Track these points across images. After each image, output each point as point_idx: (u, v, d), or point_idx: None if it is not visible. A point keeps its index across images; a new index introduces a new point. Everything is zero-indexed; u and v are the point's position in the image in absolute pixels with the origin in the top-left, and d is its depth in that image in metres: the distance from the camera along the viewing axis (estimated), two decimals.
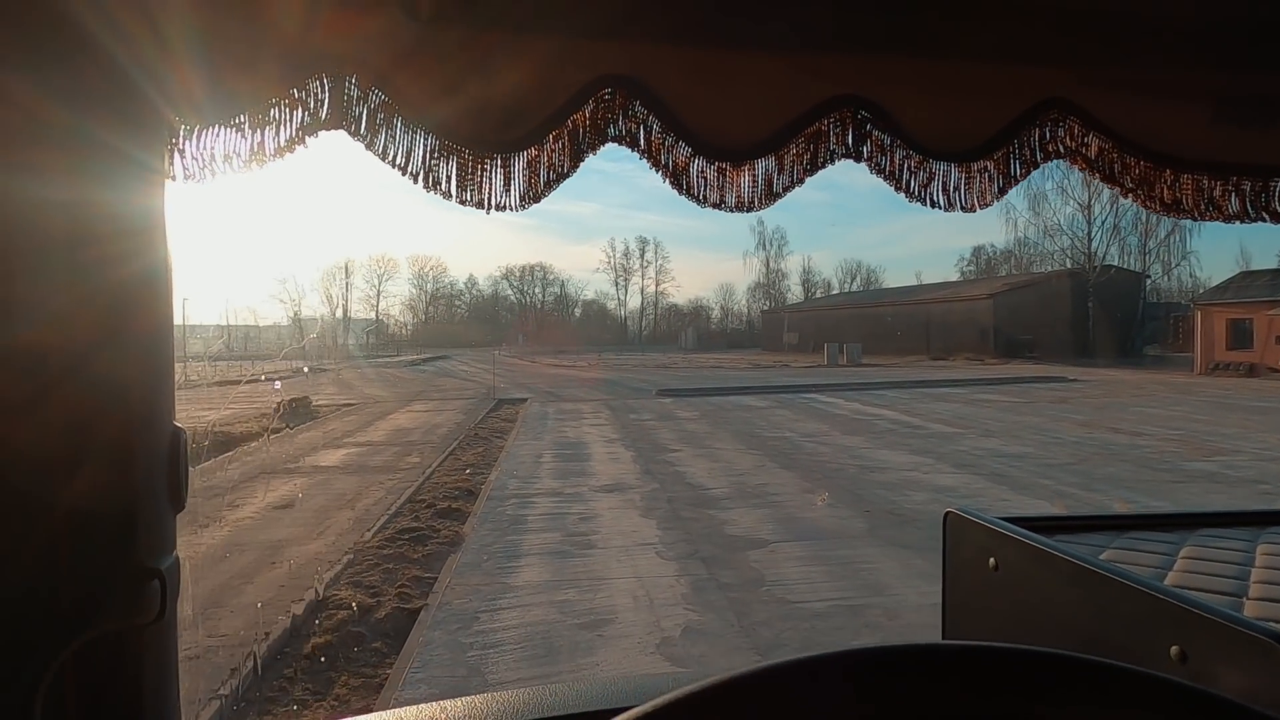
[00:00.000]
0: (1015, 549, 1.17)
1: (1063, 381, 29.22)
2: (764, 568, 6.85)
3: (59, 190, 0.72)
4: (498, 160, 0.88)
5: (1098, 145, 1.03)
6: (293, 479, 11.35)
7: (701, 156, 0.93)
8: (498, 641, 5.31)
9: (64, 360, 0.71)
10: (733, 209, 0.94)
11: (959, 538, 1.36)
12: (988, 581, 1.23)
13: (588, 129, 0.91)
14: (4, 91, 0.68)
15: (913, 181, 0.99)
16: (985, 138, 0.99)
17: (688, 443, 14.43)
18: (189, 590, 6.33)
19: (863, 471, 11.33)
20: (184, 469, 0.83)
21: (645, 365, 45.40)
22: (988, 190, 1.02)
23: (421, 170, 0.87)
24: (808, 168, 0.96)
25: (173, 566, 0.80)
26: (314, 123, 0.83)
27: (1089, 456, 12.48)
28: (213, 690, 4.47)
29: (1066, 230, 52.44)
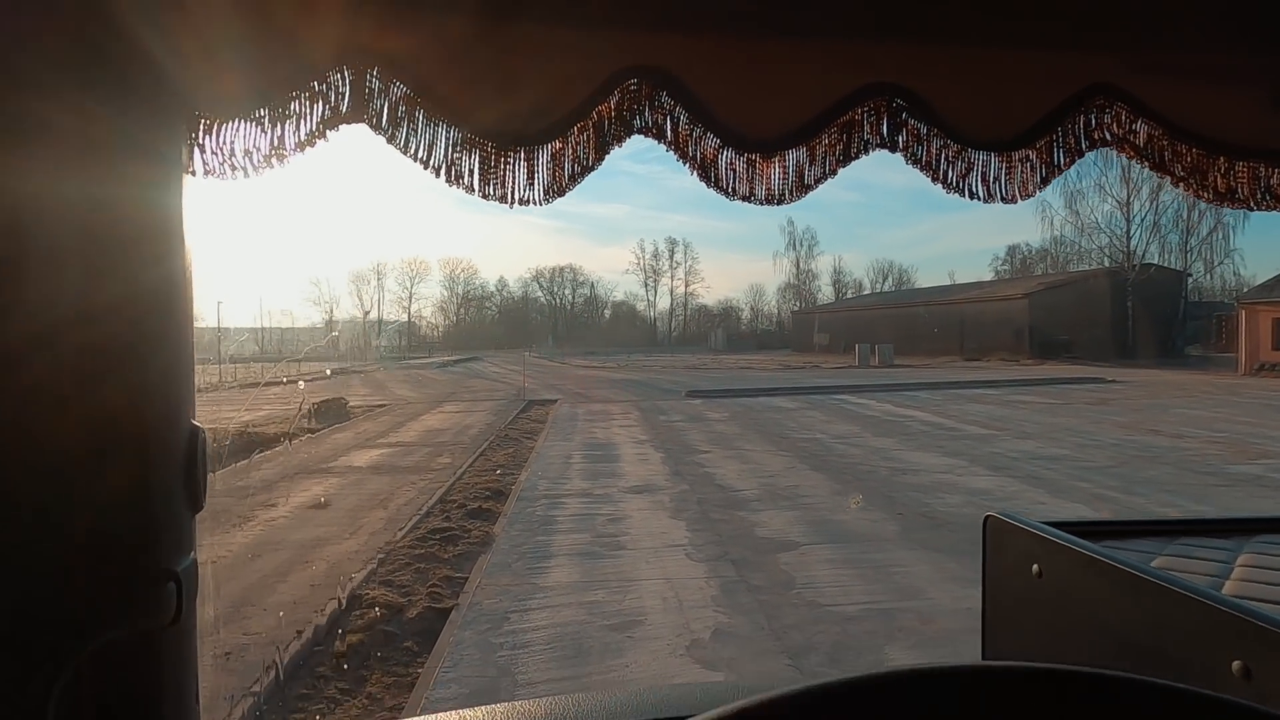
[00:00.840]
0: (1061, 555, 1.11)
1: (1101, 382, 28.64)
2: (794, 570, 6.78)
3: (78, 184, 0.71)
4: (521, 153, 0.86)
5: (1146, 132, 0.99)
6: (326, 479, 11.49)
7: (731, 148, 0.90)
8: (527, 642, 5.31)
9: (82, 358, 0.71)
10: (763, 201, 0.91)
11: (1000, 543, 1.30)
12: (1031, 589, 1.18)
13: (613, 120, 0.88)
14: (26, 84, 0.68)
15: (950, 172, 0.96)
16: (1027, 126, 0.95)
17: (717, 444, 14.36)
18: (224, 587, 6.43)
19: (895, 474, 11.19)
20: (203, 470, 0.82)
21: (674, 366, 45.33)
22: (1029, 180, 0.98)
23: (444, 164, 0.85)
24: (840, 158, 0.93)
25: (190, 568, 0.79)
26: (334, 116, 0.82)
27: (1129, 459, 12.21)
28: (245, 687, 4.53)
29: (1104, 228, 51.40)
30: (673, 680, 4.69)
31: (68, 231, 0.70)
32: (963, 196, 0.95)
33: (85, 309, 0.71)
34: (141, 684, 0.75)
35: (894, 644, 5.16)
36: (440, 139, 0.85)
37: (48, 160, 0.69)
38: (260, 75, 0.79)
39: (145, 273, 0.76)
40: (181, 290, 0.80)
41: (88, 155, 0.72)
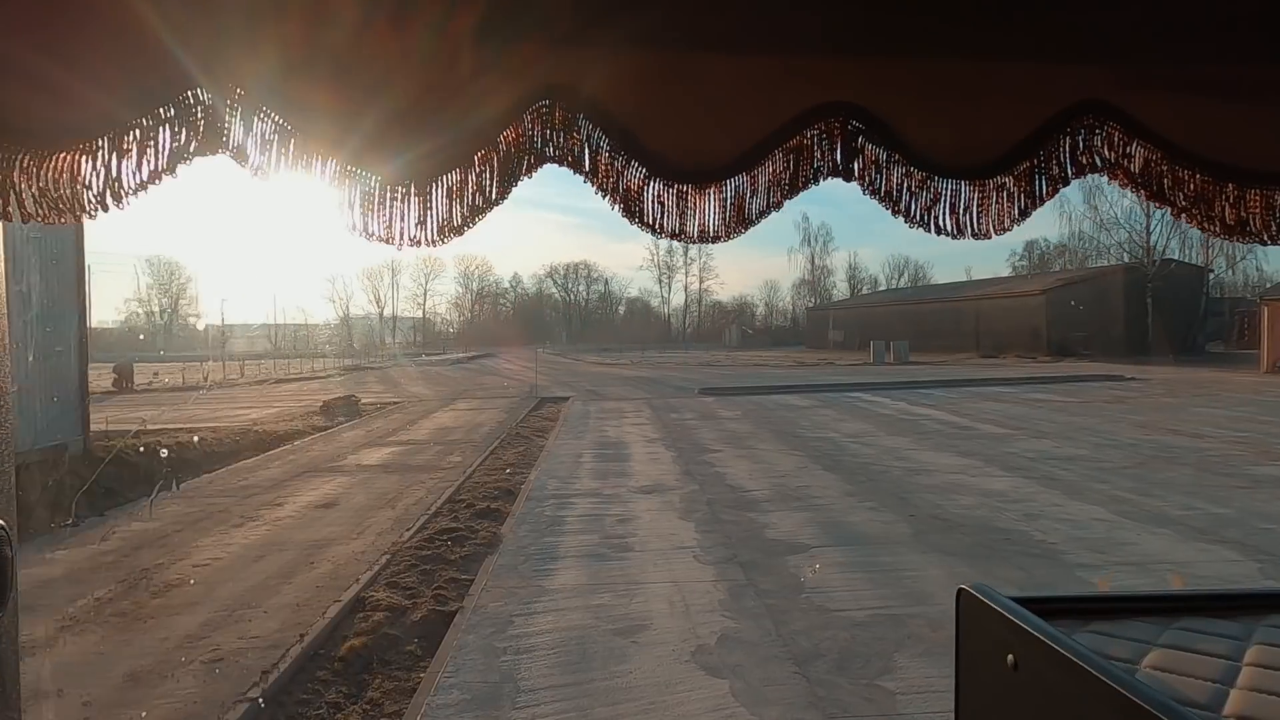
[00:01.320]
0: (1037, 649, 0.94)
1: (1119, 380, 28.26)
2: (804, 574, 6.69)
3: None
4: (411, 187, 0.76)
5: (1143, 156, 0.87)
6: (335, 477, 11.49)
7: (658, 179, 0.80)
8: (531, 647, 5.25)
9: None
10: (695, 240, 0.81)
11: (974, 624, 1.12)
12: (1007, 684, 1.01)
13: (520, 148, 0.78)
14: None
15: (913, 204, 0.84)
16: (1004, 150, 0.84)
17: (729, 443, 14.26)
18: (224, 589, 6.41)
19: (908, 474, 11.06)
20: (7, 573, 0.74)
21: (688, 363, 45.19)
22: (1005, 213, 0.86)
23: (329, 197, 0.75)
24: (787, 189, 0.82)
25: None
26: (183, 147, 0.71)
27: (1147, 460, 12.01)
28: (240, 693, 4.50)
29: (1124, 223, 50.70)
30: (675, 690, 4.62)
31: None
32: (927, 231, 0.84)
33: None
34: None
35: (903, 651, 5.06)
36: (316, 170, 0.74)
37: None
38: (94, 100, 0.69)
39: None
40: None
41: None
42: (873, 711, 4.29)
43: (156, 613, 6.00)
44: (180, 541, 8.06)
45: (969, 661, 1.11)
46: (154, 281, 77.74)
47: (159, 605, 6.18)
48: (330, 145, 0.73)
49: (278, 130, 0.73)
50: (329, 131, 0.73)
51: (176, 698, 4.58)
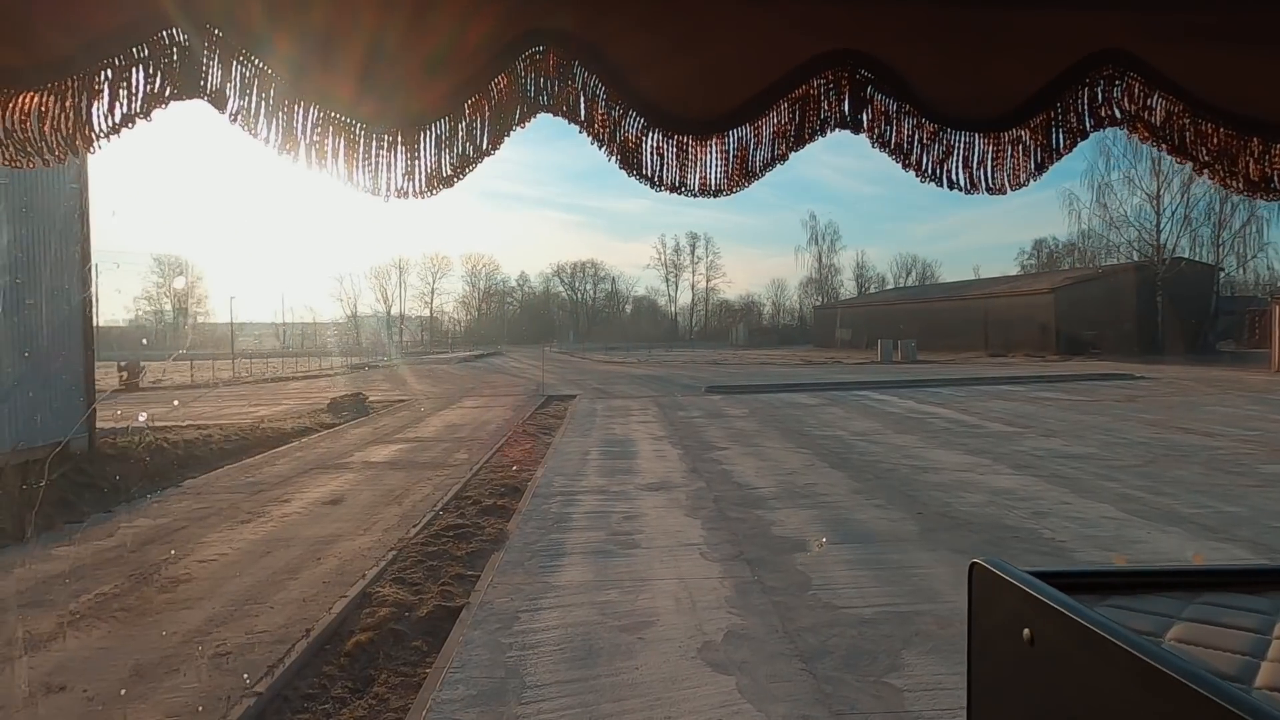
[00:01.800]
0: (1055, 622, 0.91)
1: (1129, 379, 28.10)
2: (811, 571, 6.65)
3: None
4: (399, 136, 0.73)
5: (1164, 108, 0.83)
6: (343, 474, 11.50)
7: (657, 129, 0.76)
8: (537, 643, 5.24)
9: None
10: (695, 193, 0.77)
11: (988, 598, 1.08)
12: (1022, 659, 0.97)
13: (510, 95, 0.74)
14: None
15: (925, 157, 0.80)
16: (1019, 101, 0.80)
17: (736, 441, 14.22)
18: (232, 584, 6.41)
19: (916, 472, 11.01)
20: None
21: (695, 362, 45.14)
22: (1020, 167, 0.82)
23: (302, 144, 0.71)
24: (793, 140, 0.78)
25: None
26: (159, 91, 0.68)
27: (1157, 458, 11.92)
28: (247, 687, 4.49)
29: (1134, 222, 50.38)
30: (681, 686, 4.59)
31: None
32: (939, 185, 0.80)
33: None
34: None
35: (910, 648, 5.03)
36: (298, 119, 0.71)
37: None
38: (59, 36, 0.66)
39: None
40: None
41: None
42: (880, 709, 4.26)
43: (163, 608, 6.01)
44: (188, 537, 8.07)
45: (982, 637, 1.06)
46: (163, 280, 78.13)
47: (165, 600, 6.18)
48: (313, 91, 0.70)
49: (257, 74, 0.69)
50: (312, 78, 0.70)
51: (182, 692, 4.57)
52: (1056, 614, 0.90)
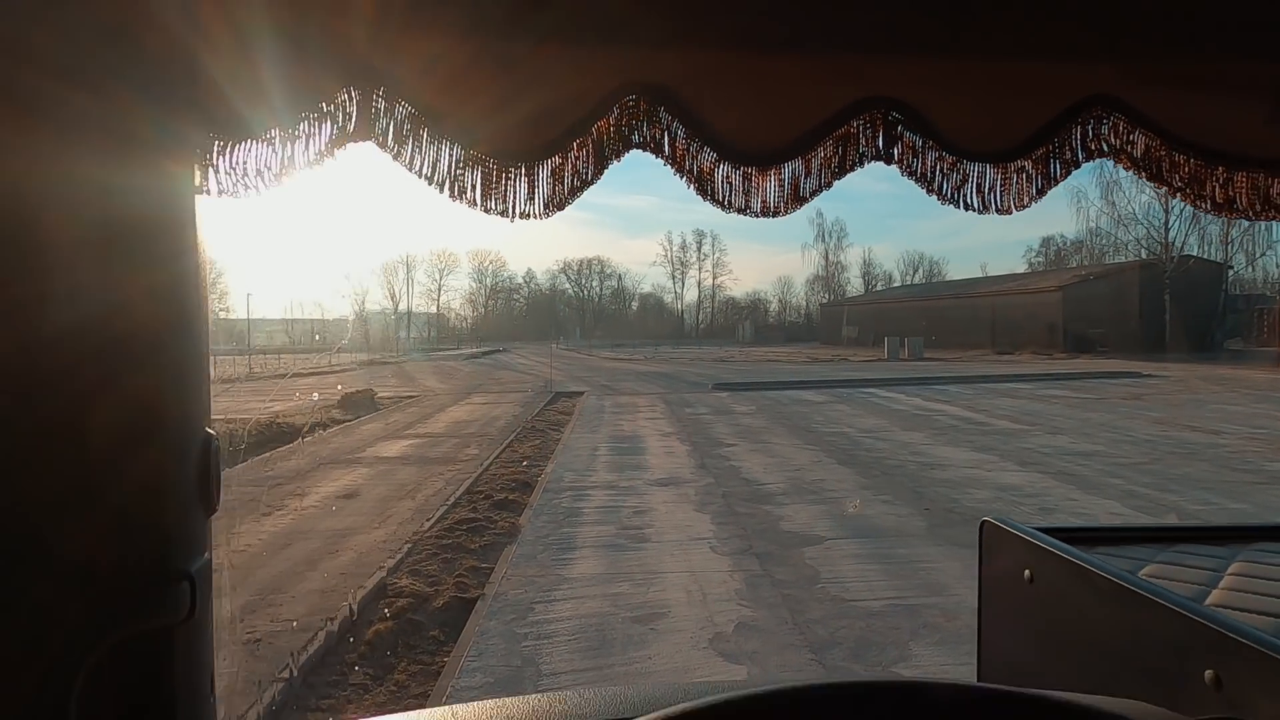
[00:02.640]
0: (1051, 562, 1.13)
1: (1136, 377, 28.12)
2: (819, 565, 6.77)
3: (93, 195, 0.73)
4: (522, 169, 0.89)
5: (1144, 143, 0.99)
6: (355, 469, 11.66)
7: (727, 162, 0.92)
8: (552, 633, 5.37)
9: (99, 359, 0.73)
10: (758, 214, 0.93)
11: (995, 548, 1.32)
12: (1023, 595, 1.20)
13: (611, 136, 0.90)
14: (44, 97, 0.70)
15: (945, 184, 0.97)
16: (1023, 137, 0.96)
17: (743, 437, 14.34)
18: (255, 575, 6.57)
19: (923, 468, 11.11)
20: (216, 473, 0.85)
21: (702, 359, 45.27)
22: (1024, 192, 0.98)
23: (447, 180, 0.88)
24: (836, 171, 0.94)
25: (204, 568, 0.82)
26: (342, 135, 0.85)
27: (1163, 456, 12.00)
28: (274, 674, 4.64)
29: (1142, 219, 50.42)
30: (693, 675, 4.72)
31: (83, 242, 0.72)
32: (958, 208, 0.96)
33: (99, 318, 0.72)
34: (158, 678, 0.78)
35: (918, 640, 5.14)
36: (444, 157, 0.87)
37: (62, 171, 0.71)
38: (272, 97, 0.82)
39: (157, 282, 0.78)
40: (194, 299, 0.82)
41: (102, 167, 0.74)
42: None
43: None
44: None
45: (990, 581, 1.27)
46: None
47: None
48: (456, 133, 0.87)
49: (411, 119, 0.86)
50: (455, 121, 0.86)
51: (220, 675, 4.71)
52: (1053, 556, 1.11)
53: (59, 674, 0.69)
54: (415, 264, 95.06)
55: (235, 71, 0.80)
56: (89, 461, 0.71)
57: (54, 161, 0.70)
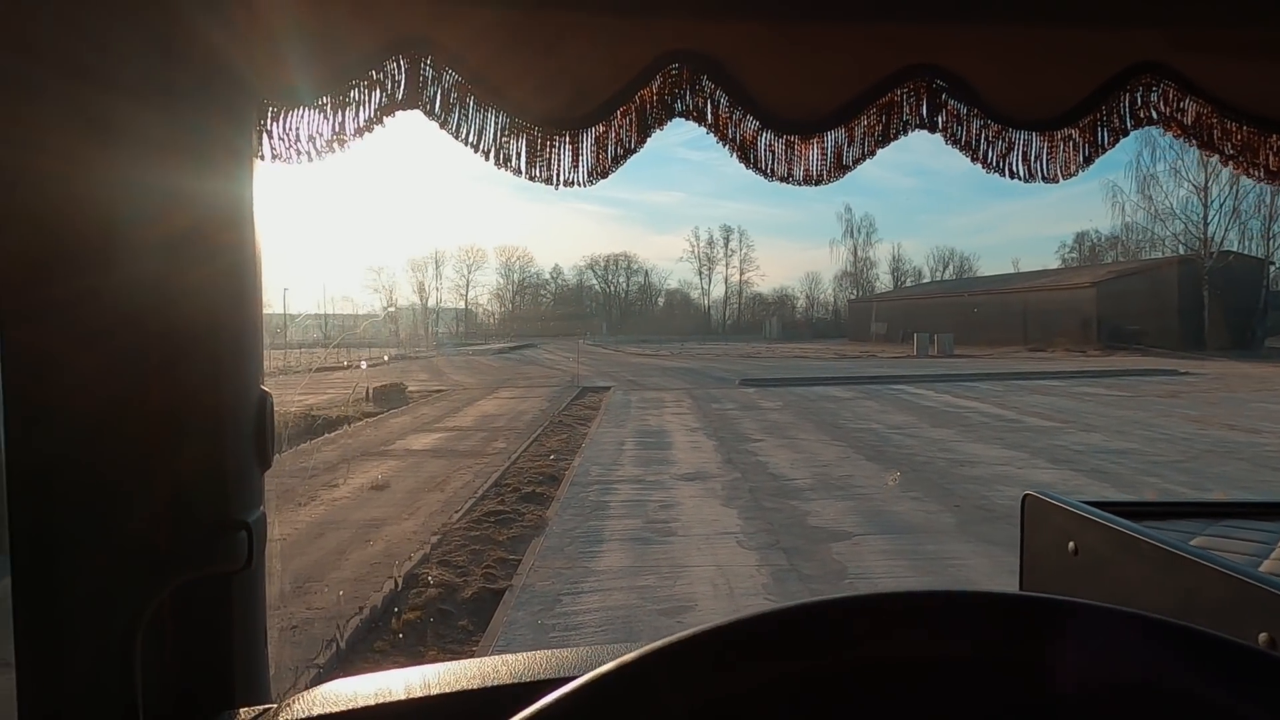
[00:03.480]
0: (1097, 533, 1.12)
1: (1173, 374, 27.57)
2: (847, 560, 6.74)
3: (159, 178, 0.78)
4: (566, 137, 0.90)
5: (1195, 110, 0.96)
6: (386, 461, 11.79)
7: (770, 130, 0.92)
8: (579, 624, 5.40)
9: (165, 338, 0.78)
10: (800, 182, 0.93)
11: (1037, 521, 1.31)
12: (1067, 567, 1.19)
13: (655, 104, 0.91)
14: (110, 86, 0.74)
15: (990, 152, 0.96)
16: (1070, 105, 0.94)
17: (770, 433, 14.29)
18: (290, 563, 6.67)
19: (952, 465, 10.99)
20: (271, 431, 0.91)
21: (728, 355, 45.14)
22: (1071, 160, 0.97)
23: (493, 148, 0.89)
24: (879, 139, 0.94)
25: (260, 520, 0.87)
26: (391, 103, 0.87)
27: (1200, 454, 11.76)
28: (309, 660, 4.71)
29: (1180, 214, 49.23)
30: None
31: (150, 223, 0.77)
32: (1002, 176, 0.95)
33: (167, 293, 0.78)
34: (217, 620, 0.85)
35: None
36: (489, 124, 0.89)
37: (132, 156, 0.76)
38: (323, 66, 0.84)
39: (220, 258, 0.83)
40: (252, 272, 0.87)
41: (167, 150, 0.78)
42: None
43: None
44: None
45: (1032, 555, 1.27)
46: None
47: None
48: (502, 101, 0.88)
49: (457, 88, 0.88)
50: (500, 90, 0.88)
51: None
52: (1099, 526, 1.10)
53: (129, 613, 0.75)
54: (444, 260, 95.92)
55: (289, 42, 0.82)
56: (158, 427, 0.78)
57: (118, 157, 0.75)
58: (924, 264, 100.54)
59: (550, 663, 0.82)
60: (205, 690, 0.84)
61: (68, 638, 0.74)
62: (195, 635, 0.83)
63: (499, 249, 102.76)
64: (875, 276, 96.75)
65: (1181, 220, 49.04)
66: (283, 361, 22.13)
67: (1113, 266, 55.78)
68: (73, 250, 0.74)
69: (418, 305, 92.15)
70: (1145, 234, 54.27)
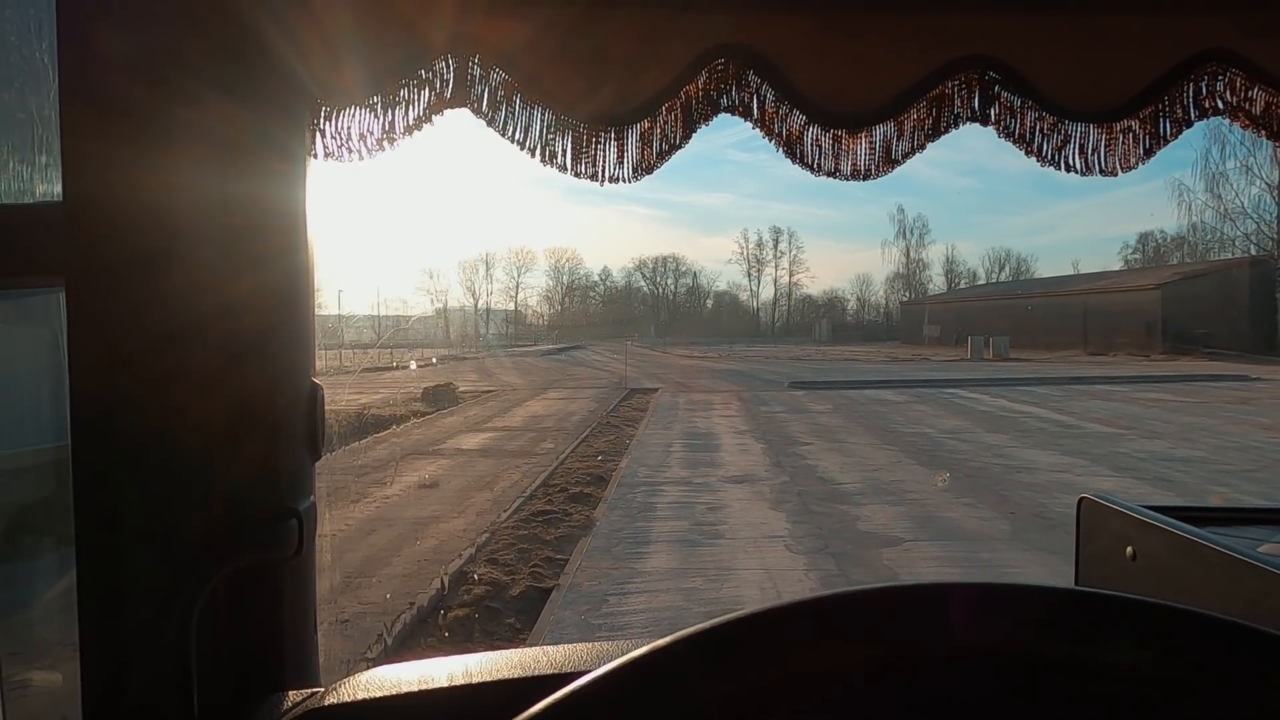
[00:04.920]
0: (1157, 538, 1.08)
1: (1243, 380, 26.47)
2: (898, 566, 6.62)
3: (217, 182, 0.80)
4: (611, 133, 0.90)
5: (1265, 99, 0.92)
6: (437, 460, 11.97)
7: (816, 124, 0.91)
8: (625, 624, 5.40)
9: (223, 341, 0.81)
10: (848, 177, 0.92)
11: (1094, 525, 1.28)
12: (1125, 572, 1.16)
13: (700, 100, 0.90)
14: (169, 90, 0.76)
15: (1045, 145, 0.93)
16: (1129, 96, 0.91)
17: (820, 436, 14.13)
18: (342, 560, 6.82)
19: (1008, 471, 10.73)
20: (321, 423, 0.93)
21: (777, 357, 44.78)
22: (1131, 152, 0.93)
23: (538, 145, 0.90)
24: (930, 133, 0.92)
25: (310, 509, 0.89)
26: (439, 101, 0.88)
27: (1272, 464, 11.28)
28: (359, 653, 4.80)
29: (1251, 213, 47.37)
30: None
31: (209, 227, 0.80)
32: (1058, 170, 0.93)
33: (227, 294, 0.81)
34: (268, 605, 0.87)
35: None
36: (535, 121, 0.89)
37: (190, 161, 0.79)
38: (374, 65, 0.86)
39: (276, 261, 0.85)
40: (306, 274, 0.89)
41: (225, 153, 0.81)
42: None
43: None
44: None
45: (1089, 560, 1.24)
46: None
47: None
48: (548, 99, 0.89)
49: (504, 85, 0.89)
50: (546, 88, 0.89)
51: None
52: (1160, 531, 1.07)
53: (186, 599, 0.78)
54: (494, 262, 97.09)
55: (341, 42, 0.84)
56: (216, 423, 0.81)
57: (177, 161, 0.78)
58: (979, 266, 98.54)
59: (592, 654, 0.83)
60: (256, 672, 0.86)
61: (129, 623, 0.76)
62: (248, 620, 0.86)
63: (548, 251, 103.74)
64: (928, 279, 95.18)
65: (1254, 219, 47.23)
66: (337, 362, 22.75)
67: (1179, 267, 53.86)
68: (140, 254, 0.77)
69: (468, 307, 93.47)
70: (1214, 234, 52.44)
